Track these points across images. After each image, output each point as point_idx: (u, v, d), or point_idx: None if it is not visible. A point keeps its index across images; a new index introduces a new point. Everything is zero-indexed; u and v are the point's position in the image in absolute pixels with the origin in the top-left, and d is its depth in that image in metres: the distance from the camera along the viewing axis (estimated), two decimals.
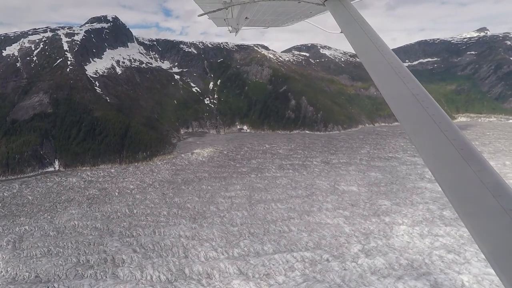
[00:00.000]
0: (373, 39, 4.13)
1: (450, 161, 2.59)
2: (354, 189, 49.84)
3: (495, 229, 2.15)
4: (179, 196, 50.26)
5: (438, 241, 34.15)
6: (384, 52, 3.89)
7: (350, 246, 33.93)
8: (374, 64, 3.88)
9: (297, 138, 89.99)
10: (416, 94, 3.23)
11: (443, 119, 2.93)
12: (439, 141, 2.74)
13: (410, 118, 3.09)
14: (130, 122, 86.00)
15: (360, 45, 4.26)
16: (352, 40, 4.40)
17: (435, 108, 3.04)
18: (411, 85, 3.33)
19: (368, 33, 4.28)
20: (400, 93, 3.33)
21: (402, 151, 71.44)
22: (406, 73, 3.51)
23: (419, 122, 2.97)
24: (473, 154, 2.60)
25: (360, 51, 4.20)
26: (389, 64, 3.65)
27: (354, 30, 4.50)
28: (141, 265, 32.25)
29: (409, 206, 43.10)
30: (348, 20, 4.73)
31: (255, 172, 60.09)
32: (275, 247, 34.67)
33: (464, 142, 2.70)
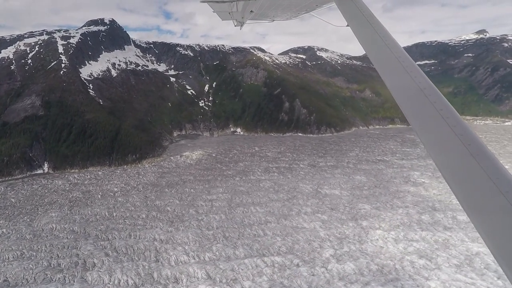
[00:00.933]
0: (380, 33, 4.03)
1: (457, 156, 2.54)
2: (337, 192, 49.48)
3: (503, 225, 2.11)
4: (160, 199, 50.17)
5: (412, 246, 33.72)
6: (391, 45, 3.80)
7: (323, 251, 33.58)
8: (381, 58, 3.80)
9: (288, 140, 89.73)
10: (424, 88, 3.16)
11: (451, 114, 2.85)
12: (447, 136, 2.68)
13: (417, 113, 3.03)
14: (121, 124, 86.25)
15: (366, 39, 4.16)
16: (359, 34, 4.30)
17: (443, 103, 2.97)
18: (419, 80, 3.25)
19: (375, 26, 4.17)
20: (407, 87, 3.26)
21: (391, 154, 70.95)
22: (413, 67, 3.43)
23: (426, 117, 2.91)
24: (481, 150, 2.54)
25: (366, 45, 4.10)
26: (396, 58, 3.58)
27: (361, 23, 4.39)
28: (110, 269, 32.12)
29: (389, 210, 42.67)
30: (355, 14, 4.62)
31: (240, 175, 59.90)
32: (247, 251, 34.40)
33: (472, 137, 2.63)
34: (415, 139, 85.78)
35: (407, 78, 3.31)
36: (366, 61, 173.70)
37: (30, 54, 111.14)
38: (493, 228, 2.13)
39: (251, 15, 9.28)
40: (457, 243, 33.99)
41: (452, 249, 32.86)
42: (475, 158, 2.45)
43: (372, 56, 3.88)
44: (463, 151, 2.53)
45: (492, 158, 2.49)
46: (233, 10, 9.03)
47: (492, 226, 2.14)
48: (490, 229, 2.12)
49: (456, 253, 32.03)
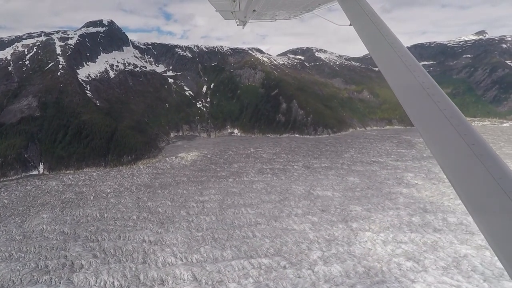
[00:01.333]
0: (383, 32, 3.99)
1: (461, 156, 2.52)
2: (329, 194, 49.36)
3: (507, 226, 2.08)
4: (152, 200, 50.15)
5: (400, 248, 33.57)
6: (394, 45, 3.76)
7: (310, 253, 33.47)
8: (384, 57, 3.77)
9: (285, 141, 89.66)
10: (427, 88, 3.12)
11: (455, 114, 2.82)
12: (450, 136, 2.65)
13: (421, 113, 3.00)
14: (117, 125, 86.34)
15: (369, 38, 4.13)
16: (362, 33, 4.27)
17: (447, 102, 2.95)
18: (422, 79, 3.21)
19: (378, 25, 4.13)
20: (410, 87, 3.22)
21: (386, 155, 70.75)
22: (416, 66, 3.39)
23: (429, 117, 2.88)
24: (485, 150, 2.51)
25: (369, 44, 4.08)
26: (399, 57, 3.54)
27: (364, 22, 4.35)
28: (97, 270, 32.08)
29: (380, 212, 42.52)
30: (358, 12, 4.59)
31: (234, 176, 59.84)
32: (235, 253, 34.31)
33: (476, 137, 2.60)
34: (411, 140, 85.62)
35: (410, 77, 3.28)
36: (365, 62, 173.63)
37: (28, 55, 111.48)
38: (496, 228, 2.11)
39: (253, 14, 9.29)
40: (445, 245, 33.81)
41: (440, 251, 32.68)
42: (479, 158, 2.43)
43: (375, 55, 3.89)
44: (467, 151, 2.51)
45: (496, 158, 2.47)
46: (235, 9, 9.06)
47: (496, 226, 2.12)
48: (493, 230, 2.10)
49: (444, 255, 31.86)
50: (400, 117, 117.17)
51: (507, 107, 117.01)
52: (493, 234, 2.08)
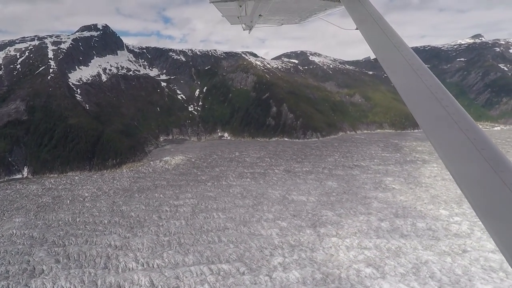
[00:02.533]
0: (390, 36, 3.99)
1: (470, 161, 2.49)
2: (303, 199, 49.06)
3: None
4: (128, 204, 50.06)
5: (363, 254, 33.21)
6: (401, 48, 3.76)
7: (272, 259, 33.18)
8: (391, 61, 3.75)
9: (272, 145, 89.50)
10: (435, 92, 3.10)
11: (463, 118, 2.80)
12: (459, 140, 2.63)
13: (427, 116, 2.98)
14: (104, 129, 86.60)
15: (376, 42, 4.12)
16: (368, 37, 4.25)
17: (455, 106, 2.91)
18: (430, 83, 3.20)
19: (385, 29, 4.13)
20: (417, 90, 3.21)
21: (370, 159, 70.39)
22: (424, 70, 3.38)
23: (437, 121, 2.85)
24: (495, 154, 2.48)
25: (376, 48, 4.06)
26: (407, 61, 3.54)
27: (371, 26, 4.35)
28: (56, 276, 31.93)
29: (350, 217, 42.17)
30: (365, 17, 4.58)
31: (213, 180, 59.70)
32: (197, 258, 34.09)
33: (485, 141, 2.58)
34: (398, 144, 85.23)
35: (417, 81, 3.26)
36: (359, 65, 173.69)
37: (19, 59, 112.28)
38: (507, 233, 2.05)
39: (259, 19, 9.31)
40: (409, 251, 33.44)
41: (402, 257, 32.32)
42: (489, 163, 2.39)
43: (381, 59, 3.83)
44: (476, 155, 2.48)
45: (506, 163, 2.43)
46: (242, 14, 9.05)
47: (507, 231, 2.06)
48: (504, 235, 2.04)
49: (404, 262, 31.49)
50: (391, 121, 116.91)
51: (498, 111, 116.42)
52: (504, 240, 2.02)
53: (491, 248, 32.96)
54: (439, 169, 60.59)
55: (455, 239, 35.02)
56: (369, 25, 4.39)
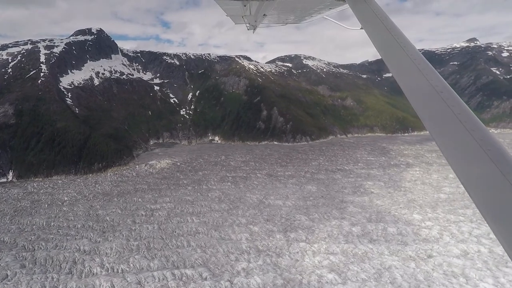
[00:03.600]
0: (396, 36, 3.97)
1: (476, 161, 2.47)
2: (280, 203, 48.88)
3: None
4: (104, 208, 49.95)
5: (328, 260, 32.97)
6: (407, 48, 3.74)
7: (236, 264, 32.98)
8: (396, 60, 3.75)
9: (259, 149, 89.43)
10: (440, 92, 3.05)
11: (469, 118, 2.76)
12: (465, 140, 2.60)
13: (433, 117, 2.95)
14: (91, 133, 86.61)
15: (382, 42, 4.09)
16: (373, 37, 4.23)
17: (461, 107, 2.88)
18: (435, 83, 3.16)
19: (391, 29, 4.09)
20: (423, 91, 3.18)
21: (354, 163, 70.19)
22: (430, 70, 3.36)
23: (443, 121, 2.83)
24: (502, 155, 2.45)
25: (381, 48, 4.04)
26: (412, 61, 3.52)
27: (376, 26, 4.31)
28: (18, 281, 31.81)
29: (323, 221, 41.95)
30: (370, 16, 4.52)
31: (194, 184, 59.60)
32: (163, 263, 33.92)
33: (492, 142, 2.55)
34: (386, 147, 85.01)
35: (423, 81, 3.22)
36: (353, 69, 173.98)
37: (11, 63, 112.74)
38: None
39: (264, 18, 9.32)
40: (374, 256, 33.19)
41: (367, 262, 32.07)
42: (495, 164, 2.36)
43: (387, 59, 3.84)
44: (483, 156, 2.45)
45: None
46: (246, 14, 9.06)
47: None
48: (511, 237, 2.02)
49: (368, 267, 31.24)
50: (382, 125, 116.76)
51: (490, 114, 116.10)
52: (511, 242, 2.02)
53: (456, 253, 32.71)
54: (421, 173, 60.37)
55: (423, 244, 34.76)
56: (374, 24, 4.35)
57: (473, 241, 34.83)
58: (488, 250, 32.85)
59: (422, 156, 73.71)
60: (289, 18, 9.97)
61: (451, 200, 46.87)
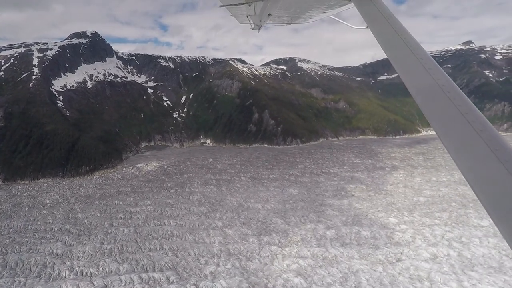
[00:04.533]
0: (402, 35, 3.94)
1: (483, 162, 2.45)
2: (259, 206, 48.79)
3: None
4: (84, 211, 49.94)
5: (297, 263, 32.85)
6: (413, 47, 3.72)
7: (205, 267, 32.88)
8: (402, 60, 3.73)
9: (248, 152, 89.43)
10: (447, 91, 3.04)
11: (477, 118, 2.74)
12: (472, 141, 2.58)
13: (440, 117, 2.93)
14: (80, 136, 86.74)
15: (387, 41, 4.07)
16: (379, 36, 4.21)
17: (468, 106, 2.86)
18: (442, 83, 3.15)
19: (397, 28, 4.07)
20: (429, 90, 3.16)
21: (340, 165, 70.11)
22: (436, 69, 3.34)
23: (450, 121, 2.81)
24: (510, 155, 2.43)
25: (387, 48, 4.01)
26: (419, 60, 3.50)
27: (382, 25, 4.28)
28: None
29: (299, 225, 41.85)
30: (375, 15, 4.50)
31: (177, 187, 59.58)
32: (132, 267, 33.85)
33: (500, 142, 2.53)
34: (374, 150, 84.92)
35: (430, 80, 3.20)
36: (348, 71, 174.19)
37: (3, 66, 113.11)
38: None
39: (268, 18, 9.31)
40: (344, 260, 33.06)
41: (335, 266, 31.94)
42: (504, 164, 2.35)
43: (393, 59, 3.82)
44: (490, 156, 2.43)
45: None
46: (250, 13, 9.06)
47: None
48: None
49: (335, 271, 31.10)
50: (374, 127, 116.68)
51: None
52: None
53: (425, 257, 32.58)
54: (404, 176, 60.26)
55: (394, 248, 34.62)
56: (379, 23, 4.31)
57: (444, 245, 34.69)
58: (457, 254, 32.71)
59: (408, 159, 73.58)
60: (293, 18, 9.97)
61: (430, 203, 46.73)
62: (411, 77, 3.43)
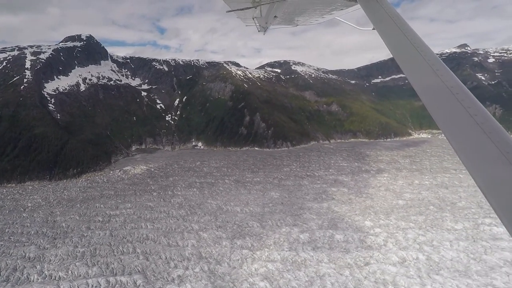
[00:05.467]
0: (409, 36, 3.93)
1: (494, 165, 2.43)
2: (238, 209, 48.73)
3: None
4: (64, 215, 49.93)
5: (265, 267, 32.75)
6: (421, 49, 3.70)
7: (174, 271, 32.81)
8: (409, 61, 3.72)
9: (237, 155, 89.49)
10: (456, 93, 3.03)
11: (486, 120, 2.73)
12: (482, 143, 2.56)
13: (448, 119, 2.92)
14: (69, 139, 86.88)
15: (394, 42, 4.07)
16: (386, 37, 4.20)
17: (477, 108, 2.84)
18: (450, 84, 3.13)
19: (404, 29, 4.07)
20: (437, 92, 3.13)
21: (325, 169, 70.04)
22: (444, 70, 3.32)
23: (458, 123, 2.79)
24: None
25: (394, 49, 4.01)
26: (426, 62, 3.48)
27: (388, 26, 4.28)
28: None
29: (274, 228, 41.76)
30: (382, 16, 4.49)
31: (160, 190, 59.58)
32: (102, 270, 33.78)
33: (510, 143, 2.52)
34: (363, 153, 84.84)
35: (437, 82, 3.18)
36: (342, 74, 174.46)
37: None
38: None
39: (274, 20, 9.35)
40: (312, 263, 32.96)
41: (303, 270, 31.84)
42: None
43: (400, 60, 3.82)
44: (501, 158, 2.41)
45: None
46: (256, 15, 9.13)
47: None
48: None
49: (302, 275, 31.00)
50: (365, 130, 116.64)
51: None
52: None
53: (394, 260, 32.47)
54: (387, 179, 60.17)
55: (364, 252, 34.51)
56: (386, 24, 4.30)
57: (414, 248, 34.57)
58: (426, 257, 32.59)
59: (395, 162, 73.50)
60: (300, 20, 9.92)
61: (408, 206, 46.62)
62: (419, 79, 3.41)
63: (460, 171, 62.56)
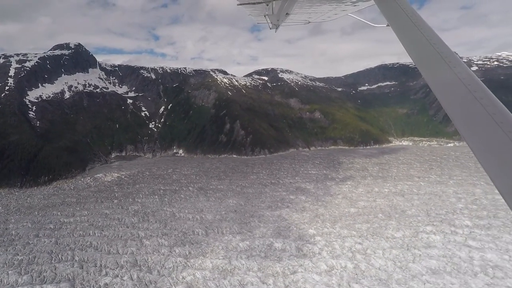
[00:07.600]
0: (426, 33, 3.84)
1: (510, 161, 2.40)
2: (190, 217, 48.74)
3: None
4: (17, 222, 49.93)
5: (193, 276, 32.60)
6: (438, 46, 3.63)
7: (102, 279, 32.70)
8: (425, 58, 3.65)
9: (211, 162, 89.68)
10: (474, 91, 2.97)
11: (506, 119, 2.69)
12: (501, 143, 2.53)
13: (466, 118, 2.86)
14: (43, 146, 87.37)
15: (410, 40, 3.98)
16: (401, 34, 4.12)
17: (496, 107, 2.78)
18: (468, 82, 3.08)
19: (420, 26, 3.98)
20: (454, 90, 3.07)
21: (292, 176, 70.06)
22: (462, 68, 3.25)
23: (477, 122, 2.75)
24: None
25: (409, 46, 3.93)
26: (443, 59, 3.41)
27: (404, 23, 4.18)
28: None
29: (217, 236, 41.65)
30: (397, 13, 4.38)
31: (123, 197, 59.68)
32: (32, 278, 33.72)
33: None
34: (337, 160, 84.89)
35: (455, 79, 3.11)
36: (329, 82, 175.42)
37: None
38: None
39: (286, 17, 9.25)
40: (241, 272, 32.80)
41: (228, 279, 31.70)
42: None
43: (415, 56, 3.76)
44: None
45: None
46: (268, 13, 9.13)
47: None
48: None
49: (226, 284, 30.85)
50: (346, 137, 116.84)
51: (454, 128, 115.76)
52: None
53: (322, 269, 32.35)
54: (349, 187, 60.14)
55: (296, 260, 34.41)
56: (401, 21, 4.20)
57: (347, 257, 34.46)
58: (354, 266, 32.47)
59: (364, 170, 73.50)
60: (312, 17, 9.76)
61: (357, 214, 46.55)
62: (435, 76, 3.35)
63: (422, 178, 62.57)
